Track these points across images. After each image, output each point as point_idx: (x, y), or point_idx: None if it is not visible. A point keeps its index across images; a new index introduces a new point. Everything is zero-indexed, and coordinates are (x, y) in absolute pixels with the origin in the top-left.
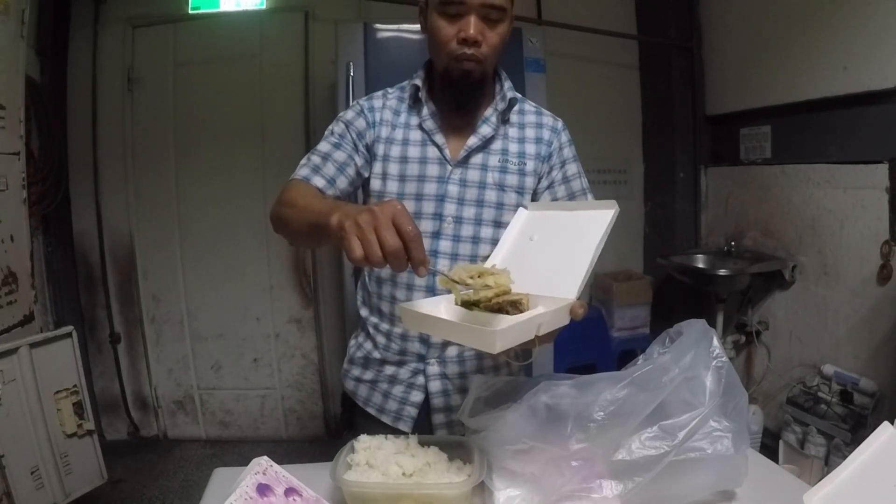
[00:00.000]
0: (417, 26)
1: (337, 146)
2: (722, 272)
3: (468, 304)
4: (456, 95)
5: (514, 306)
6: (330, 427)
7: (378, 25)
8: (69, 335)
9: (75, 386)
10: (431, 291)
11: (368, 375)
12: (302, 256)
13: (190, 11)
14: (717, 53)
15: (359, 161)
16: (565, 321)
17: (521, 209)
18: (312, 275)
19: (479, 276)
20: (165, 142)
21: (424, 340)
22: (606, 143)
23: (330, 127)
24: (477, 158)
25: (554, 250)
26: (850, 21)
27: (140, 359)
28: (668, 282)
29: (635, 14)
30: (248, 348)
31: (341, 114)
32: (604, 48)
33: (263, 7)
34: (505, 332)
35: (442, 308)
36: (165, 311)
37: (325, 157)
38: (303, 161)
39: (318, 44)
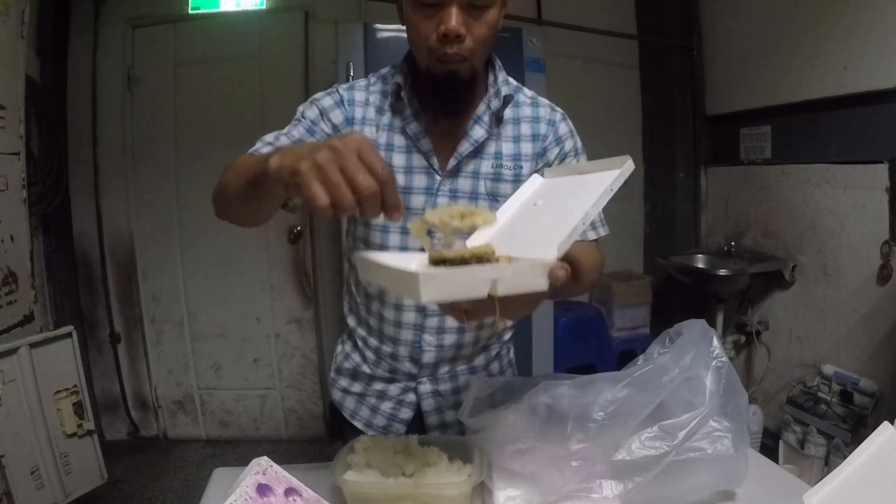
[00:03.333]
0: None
1: (311, 132)
2: (722, 272)
3: (437, 262)
4: (441, 98)
5: (480, 262)
6: (330, 427)
7: (378, 25)
8: (69, 335)
9: (75, 386)
10: (422, 311)
11: (356, 388)
12: (302, 256)
13: (190, 11)
14: (717, 53)
15: None
16: (540, 285)
17: (535, 176)
18: (312, 275)
19: (461, 218)
20: (165, 142)
21: (415, 360)
22: (606, 143)
23: (301, 109)
24: (468, 166)
25: (552, 212)
26: (851, 21)
27: (140, 359)
28: (668, 282)
29: (635, 14)
30: (248, 348)
31: (316, 96)
32: (604, 48)
33: (263, 7)
34: (431, 277)
35: (413, 266)
36: (165, 311)
37: (297, 144)
38: (267, 138)
39: (318, 44)
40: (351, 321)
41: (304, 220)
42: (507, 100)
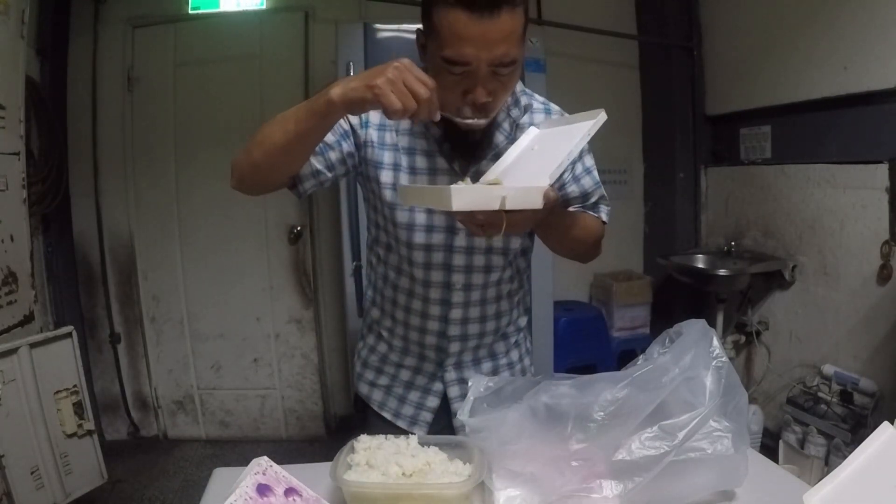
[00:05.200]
0: (417, 26)
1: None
2: (722, 272)
3: None
4: (462, 139)
5: None
6: (330, 427)
7: (378, 25)
8: (69, 335)
9: (75, 386)
10: (447, 304)
11: (383, 381)
12: (302, 256)
13: (190, 11)
14: (717, 53)
15: (346, 147)
16: (537, 204)
17: (531, 128)
18: (312, 275)
19: None
20: (165, 142)
21: (441, 349)
22: (606, 143)
23: None
24: (488, 168)
25: (545, 154)
26: (851, 21)
27: (140, 359)
28: (668, 282)
29: (635, 14)
30: (248, 348)
31: None
32: (604, 48)
33: (263, 7)
34: (461, 191)
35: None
36: (165, 311)
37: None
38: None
39: (318, 44)
40: (375, 313)
41: (304, 219)
42: (527, 109)
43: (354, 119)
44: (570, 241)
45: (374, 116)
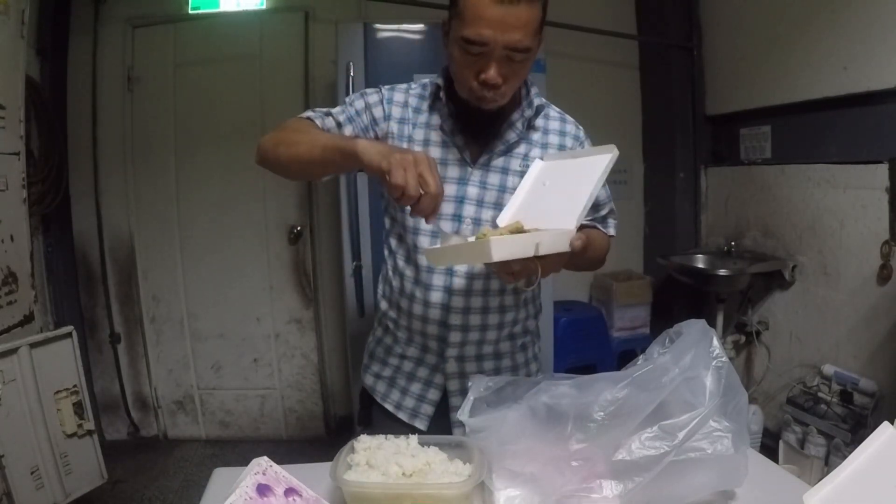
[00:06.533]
0: (417, 26)
1: (351, 120)
2: (722, 272)
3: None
4: (475, 121)
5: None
6: (330, 427)
7: (378, 25)
8: (69, 335)
9: (75, 386)
10: (449, 291)
11: (387, 372)
12: (302, 256)
13: (190, 11)
14: (717, 53)
15: None
16: (565, 248)
17: (536, 160)
18: (312, 275)
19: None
20: (165, 142)
21: (443, 339)
22: (606, 144)
23: (351, 98)
24: (498, 162)
25: (561, 193)
26: (851, 21)
27: (140, 359)
28: (668, 282)
29: (635, 14)
30: (248, 348)
31: (365, 91)
32: (604, 48)
33: (263, 7)
34: (500, 241)
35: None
36: (165, 311)
37: (339, 126)
38: (312, 114)
39: (318, 44)
40: (383, 305)
41: (304, 219)
42: (539, 109)
43: (378, 112)
44: (583, 262)
45: (396, 110)
